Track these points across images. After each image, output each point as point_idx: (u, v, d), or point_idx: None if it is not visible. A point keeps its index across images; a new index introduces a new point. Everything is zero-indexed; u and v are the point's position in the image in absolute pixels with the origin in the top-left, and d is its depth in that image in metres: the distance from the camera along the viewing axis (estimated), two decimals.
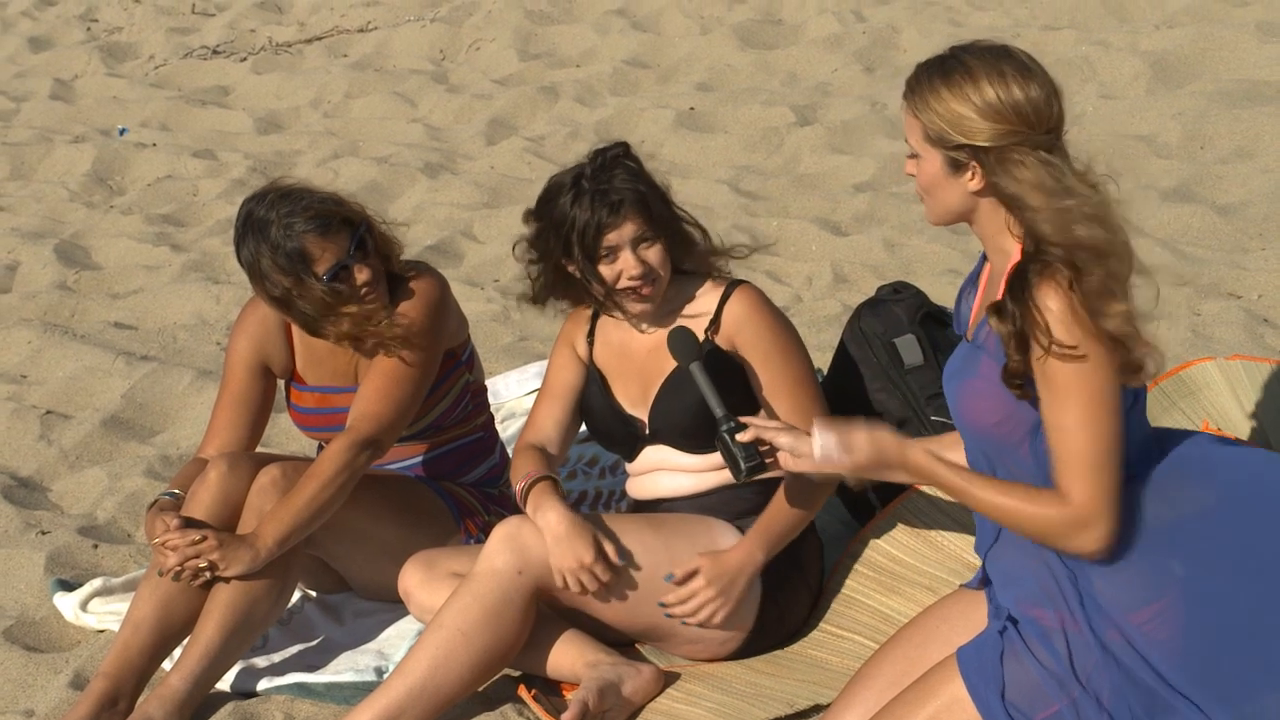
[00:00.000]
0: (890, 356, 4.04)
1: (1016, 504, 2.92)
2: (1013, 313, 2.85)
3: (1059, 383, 2.83)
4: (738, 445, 3.44)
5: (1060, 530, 2.88)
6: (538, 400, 3.93)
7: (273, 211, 3.88)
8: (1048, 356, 2.82)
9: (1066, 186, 2.84)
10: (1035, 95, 2.86)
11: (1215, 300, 5.48)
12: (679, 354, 3.61)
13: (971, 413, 2.99)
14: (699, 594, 3.62)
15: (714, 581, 3.62)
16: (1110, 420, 2.85)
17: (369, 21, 10.23)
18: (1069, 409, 2.84)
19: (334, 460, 3.81)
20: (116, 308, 6.52)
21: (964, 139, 2.88)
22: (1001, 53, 2.91)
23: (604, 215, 3.63)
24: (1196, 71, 7.79)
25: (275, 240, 3.85)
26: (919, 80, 2.93)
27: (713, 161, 7.63)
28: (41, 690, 3.99)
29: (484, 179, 7.60)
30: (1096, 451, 2.85)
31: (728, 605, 3.63)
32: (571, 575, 3.55)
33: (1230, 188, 6.54)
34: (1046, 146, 2.87)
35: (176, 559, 3.74)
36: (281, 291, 3.90)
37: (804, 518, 3.71)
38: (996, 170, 2.87)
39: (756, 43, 9.08)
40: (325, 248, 3.88)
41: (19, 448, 5.34)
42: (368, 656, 3.98)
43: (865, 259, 6.29)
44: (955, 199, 2.96)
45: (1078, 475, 2.85)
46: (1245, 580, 2.90)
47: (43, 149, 8.49)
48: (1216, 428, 3.97)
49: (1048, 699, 2.94)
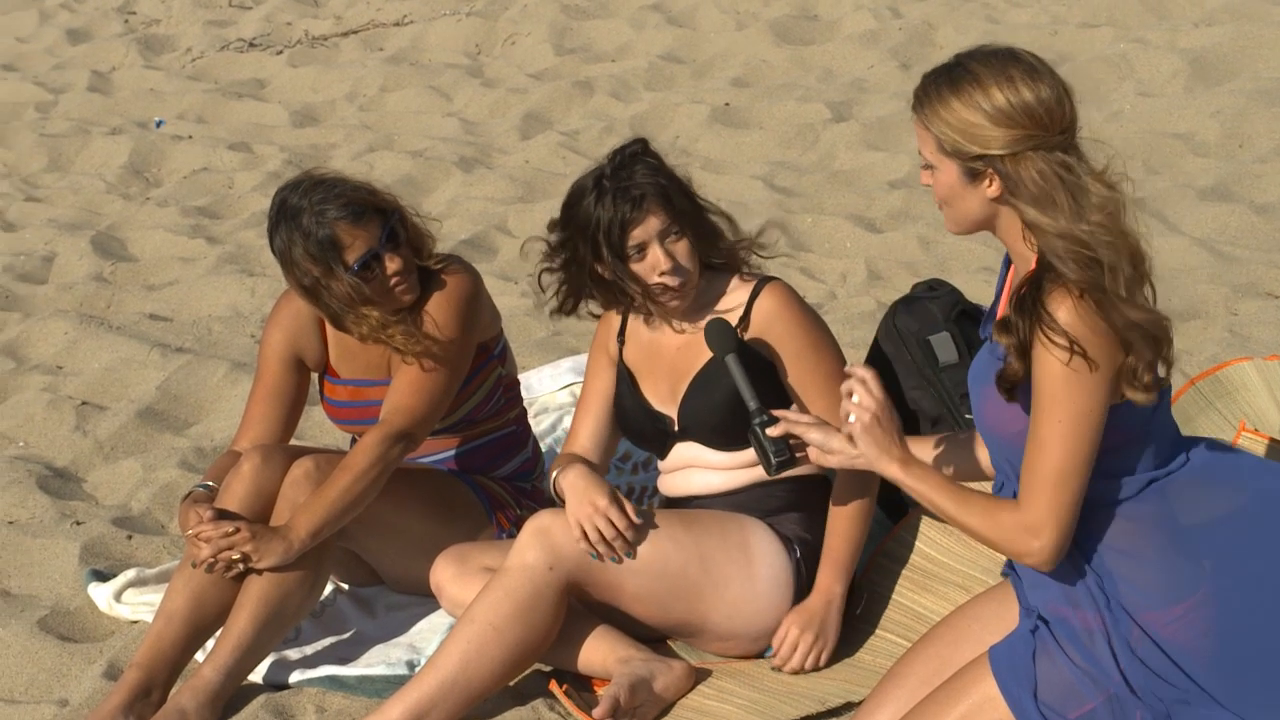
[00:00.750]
0: (925, 354, 4.03)
1: (978, 519, 2.96)
2: (1017, 326, 2.85)
3: (1049, 393, 2.84)
4: (768, 439, 3.44)
5: (1010, 536, 2.92)
6: (576, 410, 3.96)
7: (306, 199, 3.88)
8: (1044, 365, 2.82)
9: (1082, 188, 2.82)
10: (1046, 96, 2.83)
11: (1253, 300, 5.45)
12: (716, 345, 3.60)
13: (994, 420, 2.99)
14: (799, 646, 3.66)
15: (807, 629, 3.67)
16: (1087, 440, 2.85)
17: (405, 15, 10.25)
18: (1051, 420, 2.85)
19: (367, 453, 3.82)
20: (152, 299, 6.55)
21: (979, 149, 2.85)
22: (1007, 56, 2.88)
23: (627, 210, 3.63)
24: (1235, 70, 7.75)
25: (307, 227, 3.86)
26: (926, 92, 2.90)
27: (747, 157, 7.62)
28: (75, 680, 4.01)
29: (519, 173, 7.61)
30: (1065, 469, 2.86)
31: (829, 645, 3.68)
32: (588, 521, 3.57)
33: (1269, 187, 6.50)
34: (1062, 147, 2.84)
35: (209, 550, 3.75)
36: (311, 281, 3.90)
37: (864, 530, 3.73)
38: (1012, 176, 2.85)
39: (792, 38, 9.06)
40: (356, 235, 3.88)
41: (54, 438, 5.37)
42: (399, 650, 3.98)
43: (900, 256, 6.27)
44: (975, 208, 2.94)
45: (1041, 488, 2.87)
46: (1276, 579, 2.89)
47: (80, 141, 8.53)
48: (1253, 428, 3.95)
49: (1081, 697, 2.93)
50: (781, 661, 3.68)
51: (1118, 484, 2.94)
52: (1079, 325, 2.80)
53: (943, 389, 3.99)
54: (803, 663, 3.67)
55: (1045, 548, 2.89)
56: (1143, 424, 2.92)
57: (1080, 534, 2.95)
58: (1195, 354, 5.01)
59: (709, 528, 3.68)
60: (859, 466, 3.17)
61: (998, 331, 2.89)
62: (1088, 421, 2.84)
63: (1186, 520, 2.93)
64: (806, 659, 3.66)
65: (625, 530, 3.58)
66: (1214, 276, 5.66)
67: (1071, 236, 2.81)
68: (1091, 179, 2.84)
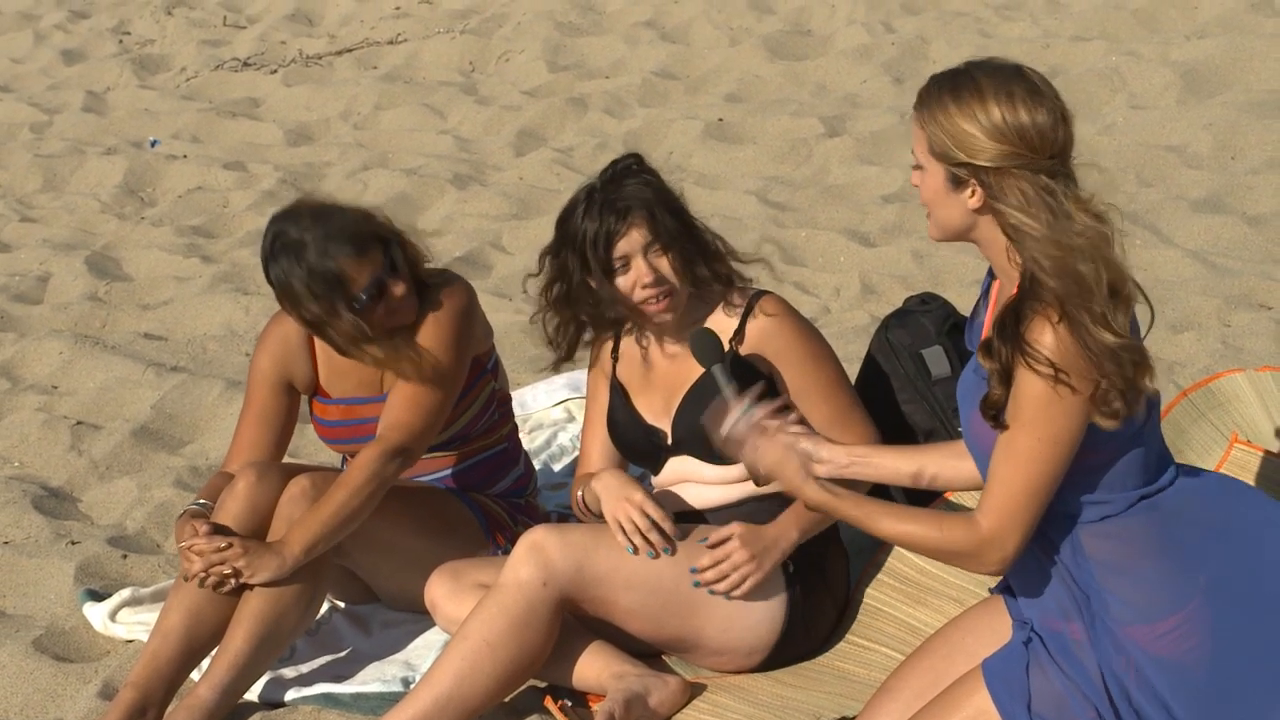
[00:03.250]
0: (918, 368, 4.03)
1: (924, 530, 2.98)
2: (999, 350, 2.86)
3: (1029, 412, 2.85)
4: None
5: (966, 551, 2.93)
6: (583, 434, 3.99)
7: (307, 234, 3.88)
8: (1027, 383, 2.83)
9: (1065, 213, 2.83)
10: (1041, 121, 2.85)
11: (1245, 311, 5.46)
12: (701, 356, 3.58)
13: (982, 438, 3.00)
14: (733, 555, 3.62)
15: (748, 544, 3.63)
16: (1061, 460, 2.87)
17: (399, 33, 10.27)
18: (1030, 437, 2.86)
19: (364, 469, 3.82)
20: (147, 319, 6.55)
21: (966, 157, 2.87)
22: (1014, 73, 2.89)
23: (611, 222, 3.64)
24: (1227, 82, 7.77)
25: (311, 263, 3.85)
26: (929, 93, 2.93)
27: (741, 172, 7.63)
28: (70, 700, 4.01)
29: (513, 190, 7.62)
30: (1036, 486, 2.87)
31: (758, 574, 3.64)
32: (624, 515, 3.58)
33: (1261, 198, 6.51)
34: (1049, 172, 2.85)
35: (201, 564, 3.76)
36: (313, 316, 3.91)
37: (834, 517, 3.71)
38: (995, 190, 2.87)
39: (785, 54, 9.08)
40: (361, 268, 3.88)
41: (49, 458, 5.37)
42: (395, 667, 3.98)
43: (893, 270, 6.28)
44: (956, 215, 2.96)
45: (1011, 500, 2.88)
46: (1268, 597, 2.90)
47: (75, 161, 8.54)
48: (1246, 440, 3.95)
49: (1074, 711, 2.93)
50: (711, 562, 3.62)
51: (1107, 499, 2.94)
52: (1061, 351, 2.81)
53: (935, 402, 3.99)
54: (721, 578, 3.62)
55: (1006, 559, 2.92)
56: (1131, 439, 2.92)
57: (1071, 551, 2.96)
58: (1188, 365, 5.01)
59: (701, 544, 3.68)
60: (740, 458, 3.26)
61: (982, 354, 2.91)
62: (1064, 441, 2.85)
63: (1177, 535, 2.94)
64: (729, 576, 3.62)
65: (661, 522, 3.60)
66: (1207, 288, 5.67)
67: (1052, 242, 2.82)
68: (1076, 206, 2.85)
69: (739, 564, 3.63)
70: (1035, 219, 2.83)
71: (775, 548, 3.67)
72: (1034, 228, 2.83)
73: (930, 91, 2.93)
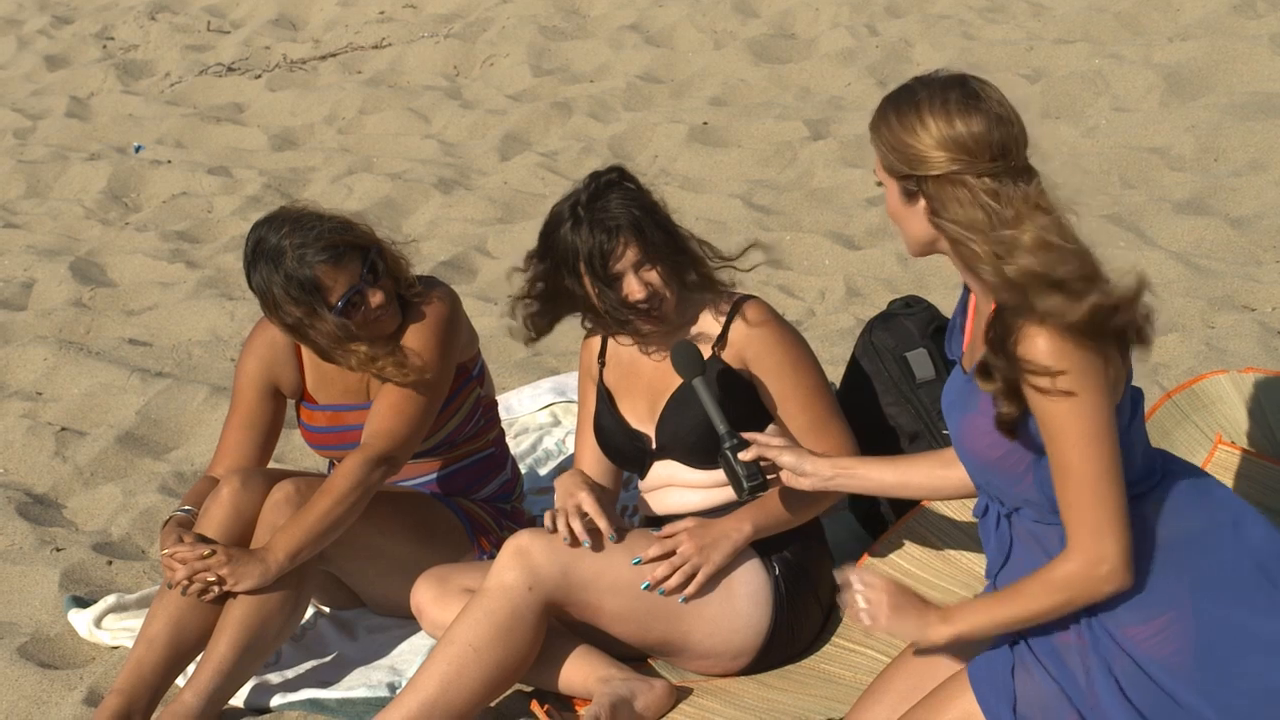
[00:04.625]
0: (902, 371, 4.04)
1: (1042, 598, 2.90)
2: (996, 369, 2.86)
3: (1056, 427, 2.84)
4: (740, 464, 3.44)
5: (1076, 583, 2.87)
6: (576, 438, 4.01)
7: (285, 241, 3.88)
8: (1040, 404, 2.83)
9: (1005, 217, 2.84)
10: (976, 126, 2.87)
11: (1229, 313, 5.47)
12: (682, 369, 3.60)
13: (974, 446, 3.00)
14: (681, 548, 3.62)
15: (695, 537, 3.63)
16: (1107, 445, 2.84)
17: (383, 38, 10.26)
18: (1066, 447, 2.84)
19: (348, 476, 3.82)
20: (131, 324, 6.54)
21: (909, 169, 2.91)
22: (953, 83, 2.92)
23: (604, 241, 3.64)
24: (1210, 84, 7.78)
25: (289, 270, 3.86)
26: (879, 111, 2.98)
27: (725, 176, 7.64)
28: (55, 707, 4.00)
29: (498, 194, 7.62)
30: (1097, 482, 2.84)
31: (707, 567, 3.62)
32: (561, 512, 3.61)
33: (1244, 200, 6.53)
34: (991, 174, 2.87)
35: (185, 572, 3.76)
36: (294, 320, 3.91)
37: (804, 511, 3.71)
38: (935, 202, 2.90)
39: (769, 57, 9.09)
40: (337, 277, 3.89)
41: (34, 464, 5.36)
42: (380, 672, 3.98)
43: (878, 273, 6.29)
44: (918, 228, 2.98)
45: (1082, 512, 2.85)
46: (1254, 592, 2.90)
47: (58, 166, 8.52)
48: (1230, 441, 3.96)
49: (1059, 713, 2.94)
50: (660, 552, 3.61)
51: None
52: (1057, 352, 2.81)
53: (920, 405, 4.00)
54: (668, 575, 3.61)
55: (1114, 569, 2.86)
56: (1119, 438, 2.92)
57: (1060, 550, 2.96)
58: (1172, 367, 5.02)
59: None
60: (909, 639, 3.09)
61: (980, 378, 2.89)
62: (1101, 430, 2.83)
63: (1165, 534, 2.94)
64: (674, 574, 3.61)
65: (596, 518, 3.60)
66: (1190, 290, 5.68)
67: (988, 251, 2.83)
68: (1024, 205, 2.85)
69: (687, 555, 3.62)
70: (970, 229, 2.85)
71: (726, 540, 3.65)
72: (969, 238, 2.85)
73: (879, 110, 2.98)
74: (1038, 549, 2.98)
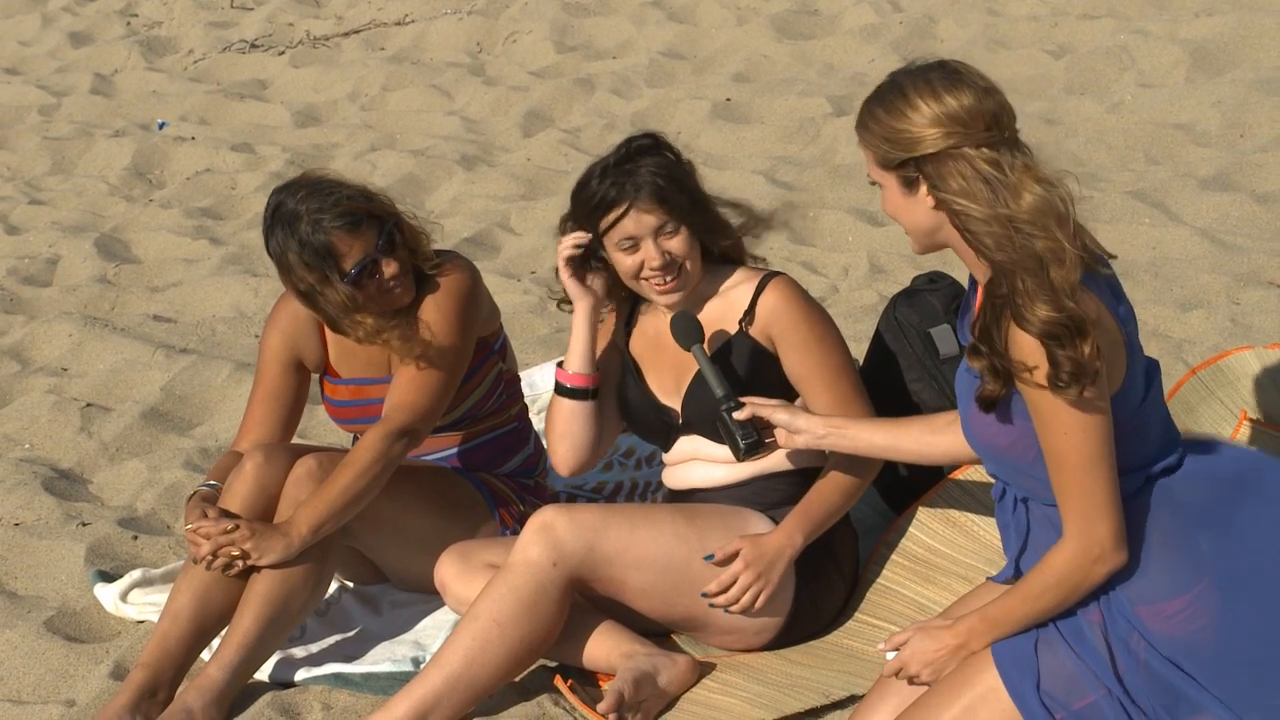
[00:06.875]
0: (926, 347, 4.03)
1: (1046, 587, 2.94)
2: (985, 352, 2.88)
3: (1044, 417, 2.86)
4: (735, 423, 3.48)
5: (1074, 567, 2.90)
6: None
7: (302, 206, 3.89)
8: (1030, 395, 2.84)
9: (1010, 185, 2.85)
10: (967, 101, 2.90)
11: (1254, 289, 5.45)
12: (681, 337, 3.65)
13: (984, 435, 3.02)
14: (740, 578, 3.62)
15: (753, 564, 3.63)
16: (1097, 429, 2.86)
17: (406, 15, 10.25)
18: (1056, 434, 2.86)
19: (370, 449, 3.83)
20: (156, 301, 6.56)
21: (905, 153, 2.91)
22: (932, 66, 2.97)
23: (612, 194, 3.65)
24: (1236, 59, 7.74)
25: (303, 235, 3.87)
26: (862, 113, 3.00)
27: (749, 152, 7.62)
28: (82, 680, 4.03)
29: (520, 171, 7.62)
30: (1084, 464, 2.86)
31: (768, 589, 3.64)
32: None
33: (1270, 176, 6.50)
34: (989, 144, 2.87)
35: (209, 547, 3.77)
36: (307, 286, 3.92)
37: (844, 504, 3.72)
38: (936, 180, 2.90)
39: (793, 33, 9.06)
40: (353, 244, 3.89)
41: (60, 440, 5.38)
42: (405, 647, 3.99)
43: (901, 249, 6.27)
44: (922, 219, 2.98)
45: (1072, 497, 2.88)
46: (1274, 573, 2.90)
47: (83, 143, 8.54)
48: (1255, 417, 3.95)
49: (1084, 689, 2.94)
50: (719, 588, 3.62)
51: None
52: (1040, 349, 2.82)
53: (944, 381, 3.99)
54: (737, 599, 3.62)
55: (1105, 551, 2.89)
56: (1129, 418, 2.93)
57: None
58: (1197, 343, 5.01)
59: (711, 521, 3.69)
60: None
61: (970, 356, 2.93)
62: (1089, 418, 2.85)
63: (1188, 513, 2.95)
64: (743, 597, 3.63)
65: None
66: (1216, 266, 5.66)
67: (993, 219, 2.84)
68: (1024, 174, 2.86)
69: (747, 585, 3.63)
70: (974, 199, 2.86)
71: (781, 558, 3.66)
72: (974, 209, 2.86)
73: (862, 111, 3.01)
74: (1055, 532, 2.98)
